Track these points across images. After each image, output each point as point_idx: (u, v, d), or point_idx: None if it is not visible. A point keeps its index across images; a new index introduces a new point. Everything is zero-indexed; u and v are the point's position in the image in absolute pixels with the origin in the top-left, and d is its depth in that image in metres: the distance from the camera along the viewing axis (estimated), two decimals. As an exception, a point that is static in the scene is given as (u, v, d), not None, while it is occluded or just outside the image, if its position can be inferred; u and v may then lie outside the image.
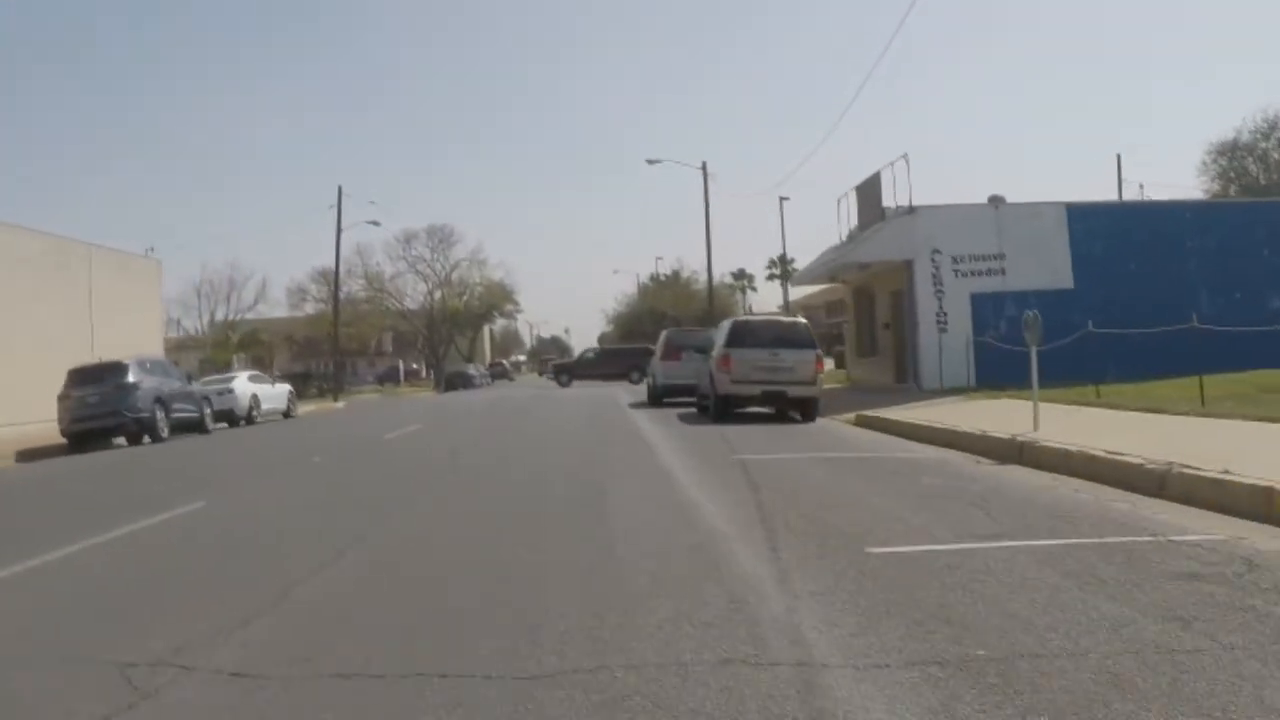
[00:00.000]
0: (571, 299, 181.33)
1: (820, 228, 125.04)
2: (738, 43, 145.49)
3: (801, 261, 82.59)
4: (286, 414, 30.36)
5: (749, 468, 10.46)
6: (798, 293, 50.73)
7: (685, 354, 23.97)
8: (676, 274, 72.62)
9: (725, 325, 19.95)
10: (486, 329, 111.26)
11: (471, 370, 63.27)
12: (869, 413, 17.56)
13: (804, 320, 18.95)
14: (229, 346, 42.26)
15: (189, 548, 7.45)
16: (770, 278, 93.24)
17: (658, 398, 24.75)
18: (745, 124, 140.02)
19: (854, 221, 28.39)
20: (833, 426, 17.10)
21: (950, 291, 24.03)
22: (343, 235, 44.57)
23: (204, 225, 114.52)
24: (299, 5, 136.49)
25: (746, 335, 18.43)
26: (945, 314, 24.03)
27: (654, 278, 75.25)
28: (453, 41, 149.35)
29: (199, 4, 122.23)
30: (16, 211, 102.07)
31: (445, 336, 72.71)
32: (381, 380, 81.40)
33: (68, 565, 6.82)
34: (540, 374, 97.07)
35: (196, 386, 25.51)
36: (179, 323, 63.27)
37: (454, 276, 72.25)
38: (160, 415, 21.96)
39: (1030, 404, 12.84)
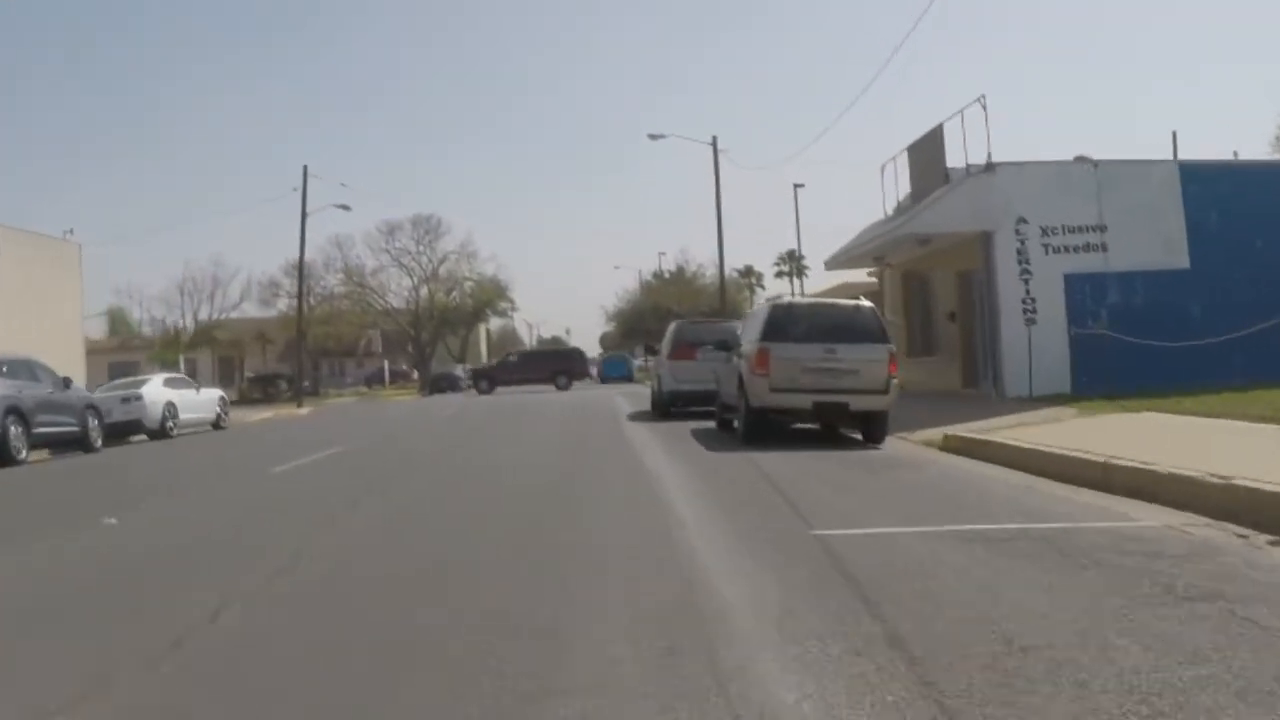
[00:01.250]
0: (572, 299, 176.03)
1: (836, 225, 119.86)
2: (748, 29, 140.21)
3: (813, 258, 77.80)
4: (217, 424, 25.17)
5: (847, 567, 5.25)
6: (815, 285, 45.47)
7: (701, 351, 18.82)
8: (681, 270, 67.32)
9: (761, 310, 14.67)
10: (483, 329, 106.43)
11: (459, 372, 58.04)
12: (959, 431, 12.36)
13: (868, 304, 13.67)
14: (178, 346, 37.25)
15: None
16: (780, 274, 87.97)
17: (664, 407, 19.53)
18: (751, 118, 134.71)
19: (903, 192, 23.18)
20: (915, 454, 11.89)
21: (1040, 272, 18.77)
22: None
23: (189, 221, 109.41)
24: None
25: (791, 324, 13.22)
26: (1033, 300, 18.77)
27: (657, 275, 69.94)
28: (449, 39, 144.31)
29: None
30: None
31: (433, 335, 67.44)
32: (368, 382, 76.28)
33: None
34: None
35: (82, 393, 20.35)
36: (164, 321, 58.72)
37: (442, 270, 66.95)
38: (16, 431, 16.78)
39: (1194, 421, 7.58)
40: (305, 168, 41.75)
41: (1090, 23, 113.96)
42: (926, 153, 21.46)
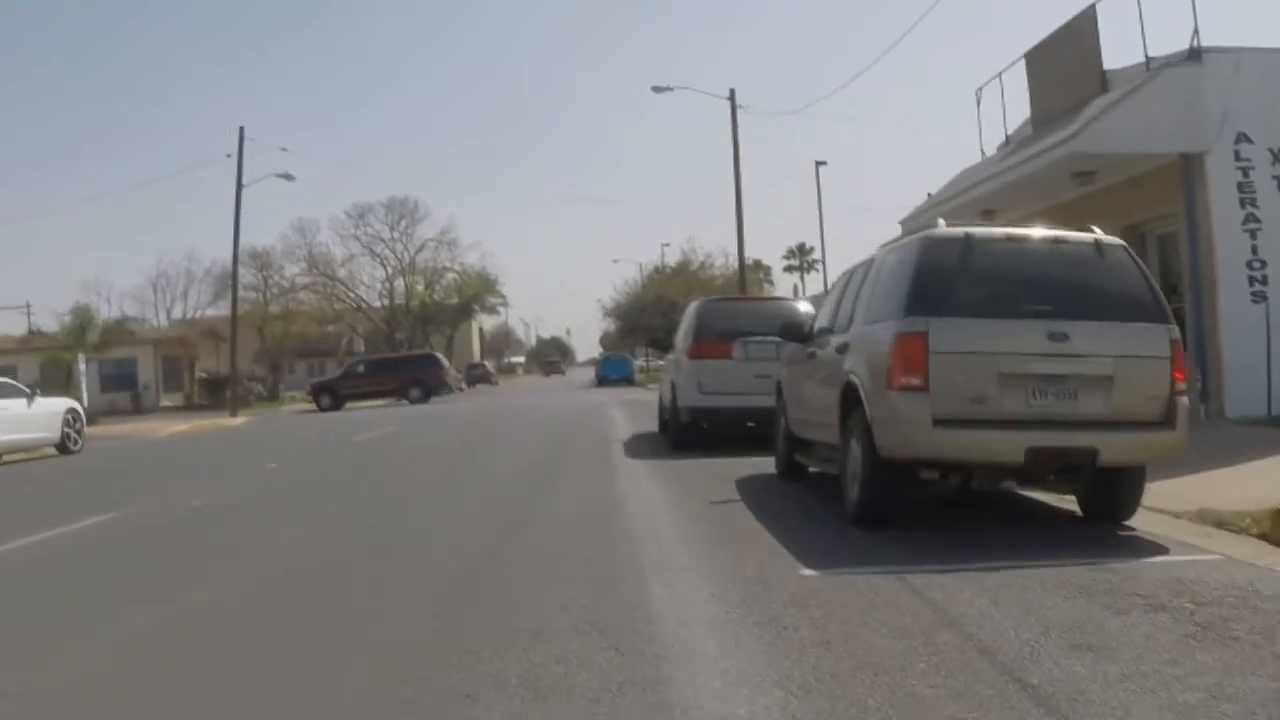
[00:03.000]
0: (574, 298, 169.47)
1: (849, 212, 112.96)
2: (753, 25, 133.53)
3: (833, 246, 70.02)
4: (64, 447, 18.33)
5: None
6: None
7: (741, 345, 11.98)
8: (684, 264, 60.12)
9: (891, 256, 7.07)
10: (475, 327, 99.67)
11: (439, 373, 51.08)
12: (1244, 497, 5.64)
13: (1116, 241, 6.72)
14: (83, 344, 30.74)
15: None
16: (789, 269, 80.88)
17: (681, 431, 12.54)
18: (759, 109, 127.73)
19: (1007, 127, 16.38)
20: (1235, 570, 5.03)
21: (1273, 218, 11.91)
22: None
23: (158, 217, 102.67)
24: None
25: (968, 279, 6.21)
26: (1262, 264, 11.91)
27: (659, 270, 62.86)
28: (441, 31, 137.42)
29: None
30: None
31: (411, 333, 60.49)
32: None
33: None
34: (546, 375, 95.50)
35: None
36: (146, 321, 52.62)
37: (419, 260, 60.02)
38: None
39: None
40: (241, 129, 34.92)
41: None
42: (1063, 55, 14.66)
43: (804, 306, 12.61)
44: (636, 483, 9.15)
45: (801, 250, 79.37)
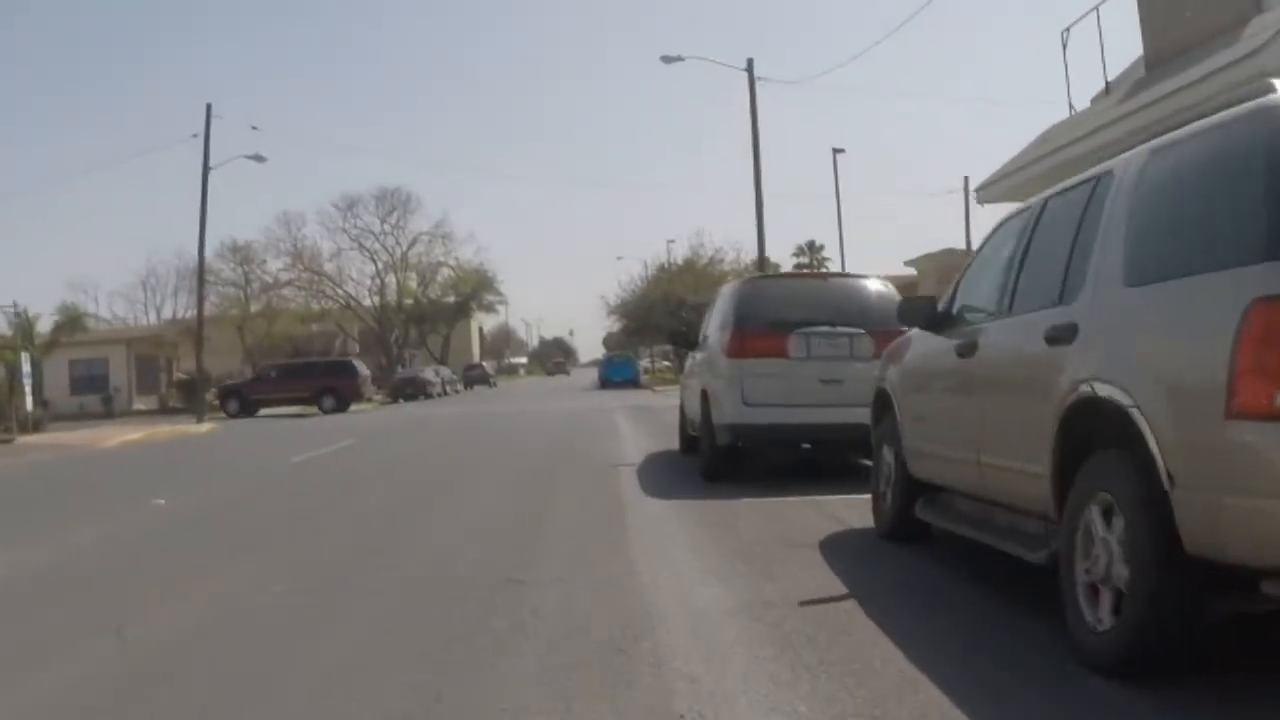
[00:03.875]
0: (576, 300, 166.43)
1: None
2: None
3: (835, 250, 67.18)
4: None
5: None
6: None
7: (796, 340, 8.68)
8: (690, 262, 56.78)
9: (1229, 133, 3.37)
10: (474, 327, 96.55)
11: (430, 375, 47.87)
12: None
13: None
14: (28, 339, 27.50)
15: None
16: (799, 268, 77.55)
17: (719, 459, 9.15)
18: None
19: (1106, 73, 13.09)
20: None
21: None
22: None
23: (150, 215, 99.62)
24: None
25: None
26: None
27: (663, 268, 59.53)
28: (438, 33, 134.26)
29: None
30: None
31: (405, 332, 57.20)
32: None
33: None
34: (552, 374, 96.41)
35: None
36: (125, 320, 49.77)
37: (412, 255, 56.66)
38: None
39: None
40: (208, 106, 31.63)
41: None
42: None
43: (880, 285, 9.35)
44: (663, 551, 5.90)
45: (812, 247, 76.10)
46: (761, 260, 29.29)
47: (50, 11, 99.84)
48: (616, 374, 49.69)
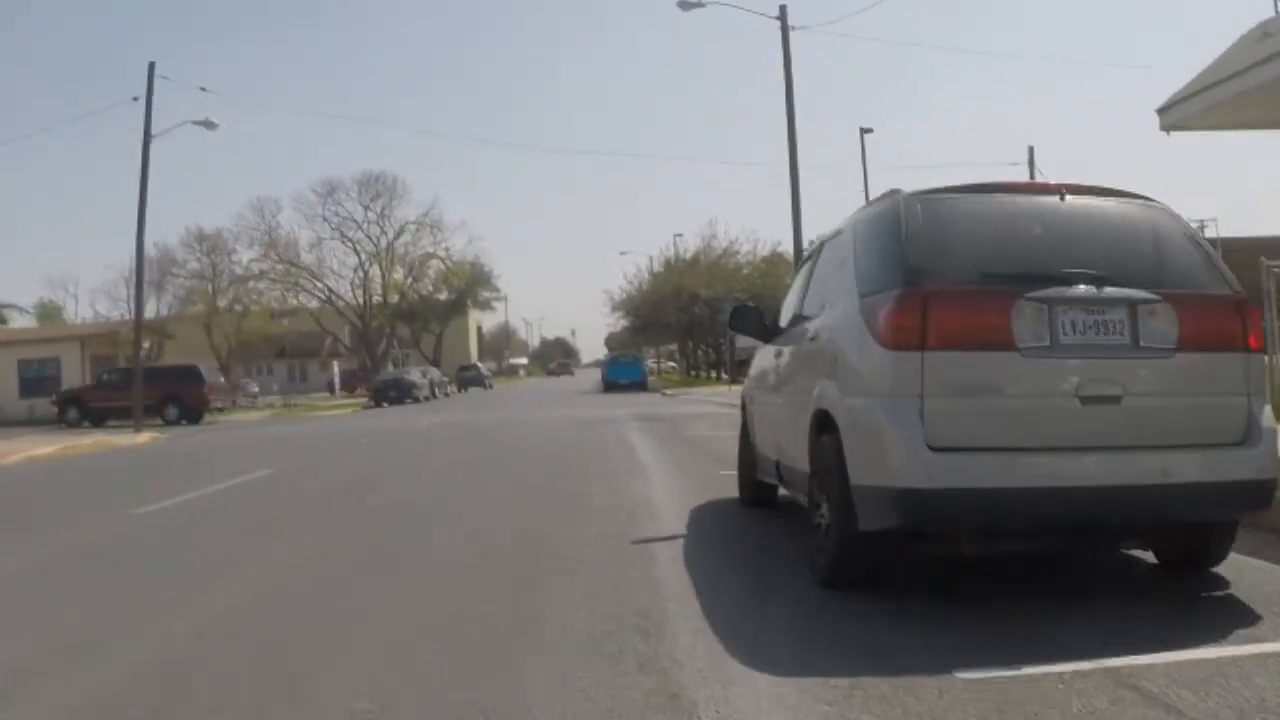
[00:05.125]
0: (578, 299, 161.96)
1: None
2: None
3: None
4: None
5: None
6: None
7: (1031, 314, 4.08)
8: (697, 255, 51.95)
9: None
10: (474, 326, 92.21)
11: (416, 377, 43.34)
12: None
13: None
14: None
15: None
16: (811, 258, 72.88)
17: (858, 560, 4.48)
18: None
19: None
20: None
21: None
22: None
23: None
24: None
25: None
26: None
27: (670, 263, 54.82)
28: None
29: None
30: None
31: (389, 328, 52.58)
32: (331, 388, 61.92)
33: None
34: (558, 375, 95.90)
35: None
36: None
37: (399, 245, 52.08)
38: None
39: None
40: (151, 64, 26.99)
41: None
42: None
43: (1158, 210, 4.78)
44: None
45: (797, 253, 71.40)
46: (798, 242, 24.75)
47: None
48: (622, 375, 45.29)
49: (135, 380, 27.91)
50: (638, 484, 9.02)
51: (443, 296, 57.56)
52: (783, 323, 6.48)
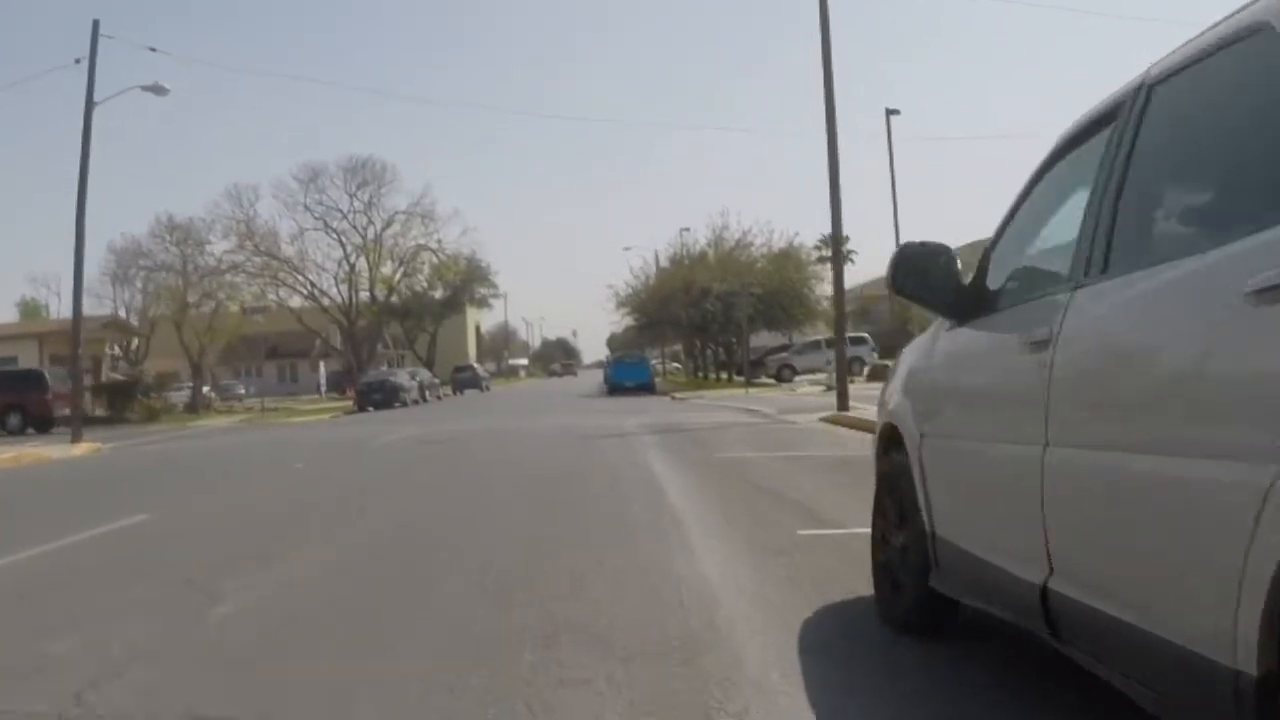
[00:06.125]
0: (579, 299, 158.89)
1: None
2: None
3: (889, 233, 58.20)
4: None
5: None
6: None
7: None
8: (703, 253, 48.58)
9: None
10: (473, 325, 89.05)
11: (403, 379, 39.95)
12: None
13: None
14: None
15: None
16: (820, 260, 69.63)
17: None
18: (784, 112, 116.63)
19: None
20: None
21: None
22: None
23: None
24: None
25: None
26: None
27: (679, 257, 51.49)
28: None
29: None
30: None
31: (374, 325, 49.16)
32: (322, 390, 58.76)
33: None
34: (561, 375, 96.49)
35: None
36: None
37: (387, 237, 48.68)
38: None
39: None
40: (95, 22, 23.78)
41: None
42: None
43: None
44: None
45: (835, 240, 68.11)
46: (837, 232, 21.36)
47: None
48: (628, 377, 42.03)
49: (74, 375, 24.56)
50: (679, 561, 5.60)
51: (437, 294, 54.26)
52: (1001, 282, 3.12)
